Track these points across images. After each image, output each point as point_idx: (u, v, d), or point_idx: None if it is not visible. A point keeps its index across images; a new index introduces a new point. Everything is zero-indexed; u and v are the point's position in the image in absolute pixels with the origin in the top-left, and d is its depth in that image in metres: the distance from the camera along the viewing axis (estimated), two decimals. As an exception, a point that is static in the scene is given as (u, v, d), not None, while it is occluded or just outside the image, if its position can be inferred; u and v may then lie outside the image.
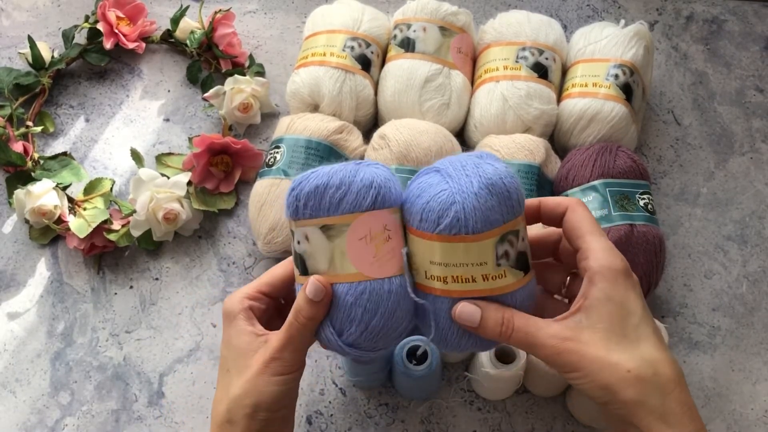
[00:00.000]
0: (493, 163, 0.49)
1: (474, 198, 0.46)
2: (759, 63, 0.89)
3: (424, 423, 0.68)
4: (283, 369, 0.51)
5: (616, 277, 0.47)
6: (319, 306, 0.49)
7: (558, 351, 0.46)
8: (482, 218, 0.47)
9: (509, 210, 0.48)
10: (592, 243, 0.48)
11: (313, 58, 0.79)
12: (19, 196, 0.75)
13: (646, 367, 0.45)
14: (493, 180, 0.47)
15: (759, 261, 0.77)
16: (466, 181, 0.47)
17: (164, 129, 0.85)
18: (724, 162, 0.83)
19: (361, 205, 0.48)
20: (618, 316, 0.46)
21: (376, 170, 0.49)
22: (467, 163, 0.48)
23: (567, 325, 0.47)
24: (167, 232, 0.76)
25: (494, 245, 0.47)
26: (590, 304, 0.46)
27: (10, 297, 0.75)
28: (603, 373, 0.45)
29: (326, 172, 0.48)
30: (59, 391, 0.71)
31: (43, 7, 0.93)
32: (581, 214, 0.50)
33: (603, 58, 0.78)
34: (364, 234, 0.48)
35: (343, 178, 0.48)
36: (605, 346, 0.46)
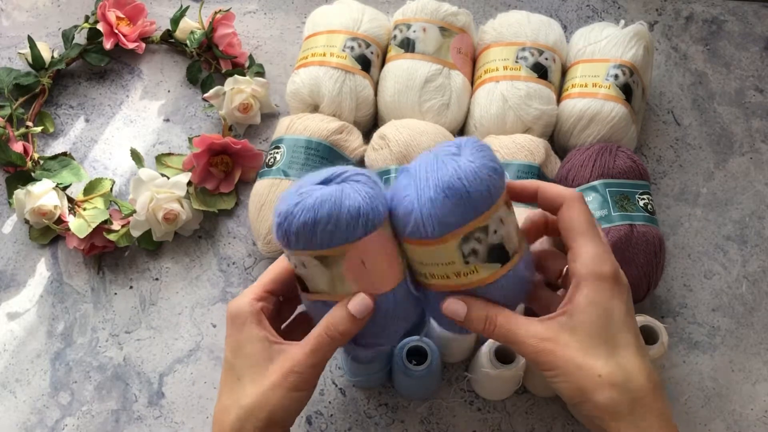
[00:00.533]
0: (458, 159, 0.47)
1: (430, 204, 0.46)
2: (759, 63, 0.89)
3: (424, 423, 0.68)
4: (303, 384, 0.50)
5: (602, 283, 0.47)
6: (359, 323, 0.49)
7: (536, 350, 0.47)
8: (438, 224, 0.47)
9: (471, 210, 0.47)
10: (582, 246, 0.48)
11: (313, 59, 0.79)
12: (19, 196, 0.75)
13: (619, 373, 0.46)
14: (450, 183, 0.46)
15: (759, 261, 0.77)
16: (425, 185, 0.47)
17: (164, 129, 0.85)
18: (724, 162, 0.83)
19: (352, 236, 0.47)
20: (599, 322, 0.47)
21: (360, 194, 0.47)
22: (430, 163, 0.48)
23: (548, 326, 0.48)
24: (167, 232, 0.76)
25: (458, 246, 0.47)
26: (574, 309, 0.47)
27: (10, 297, 0.75)
28: (576, 375, 0.46)
29: (311, 205, 0.46)
30: (59, 391, 0.71)
31: (43, 7, 0.93)
32: (577, 212, 0.49)
33: (603, 58, 0.78)
34: (360, 260, 0.48)
35: (330, 211, 0.46)
36: (582, 349, 0.46)
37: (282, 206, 0.48)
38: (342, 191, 0.47)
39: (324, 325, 0.50)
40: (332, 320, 0.49)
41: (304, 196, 0.47)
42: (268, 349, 0.50)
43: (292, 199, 0.47)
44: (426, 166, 0.48)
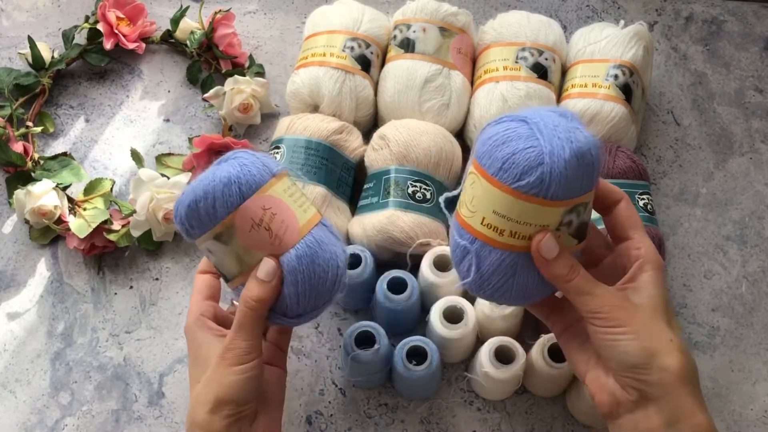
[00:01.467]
0: (584, 131, 0.47)
1: (564, 165, 0.45)
2: (758, 63, 0.89)
3: (424, 423, 0.68)
4: (239, 358, 0.51)
5: (660, 269, 0.50)
6: (269, 287, 0.51)
7: (610, 304, 0.48)
8: (565, 186, 0.46)
9: (589, 183, 0.47)
10: (644, 238, 0.51)
11: (313, 59, 0.79)
12: (19, 196, 0.75)
13: (683, 343, 0.48)
14: (585, 150, 0.46)
15: (758, 261, 0.77)
16: (559, 144, 0.45)
17: (164, 129, 0.85)
18: (724, 162, 0.83)
19: (231, 203, 0.51)
20: (661, 301, 0.49)
21: (233, 166, 0.51)
22: (559, 124, 0.46)
23: (619, 290, 0.50)
24: (167, 232, 0.76)
25: (563, 214, 0.47)
26: (639, 285, 0.49)
27: (10, 297, 0.75)
28: (649, 335, 0.47)
29: (192, 187, 0.51)
30: (59, 391, 0.71)
31: (43, 8, 0.93)
32: (634, 209, 0.53)
33: (602, 58, 0.78)
34: (250, 225, 0.51)
35: (206, 188, 0.51)
36: (652, 316, 0.48)
37: (175, 202, 0.53)
38: (216, 169, 0.52)
39: (242, 298, 0.52)
40: (246, 291, 0.52)
41: (188, 185, 0.52)
42: (214, 343, 0.53)
43: (183, 191, 0.52)
44: (554, 123, 0.46)
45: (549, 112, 0.48)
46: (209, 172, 0.52)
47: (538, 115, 0.47)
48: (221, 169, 0.52)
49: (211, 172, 0.52)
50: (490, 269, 0.49)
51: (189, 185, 0.52)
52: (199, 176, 0.52)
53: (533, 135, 0.46)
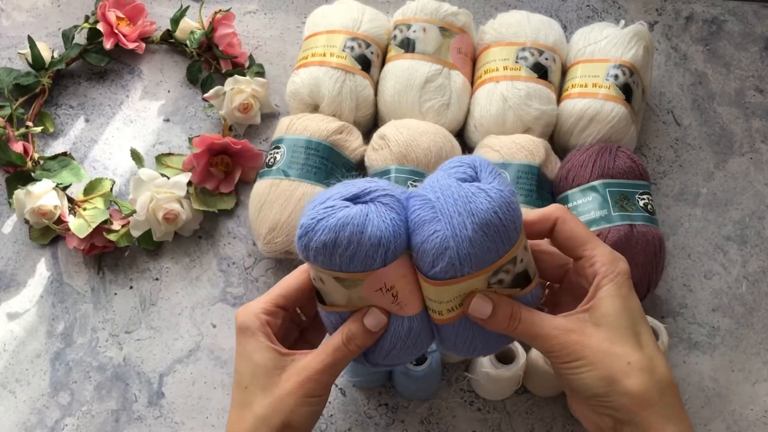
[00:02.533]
0: (488, 191, 0.45)
1: (468, 243, 0.45)
2: (759, 63, 0.89)
3: (424, 423, 0.68)
4: (319, 391, 0.51)
5: (622, 278, 0.48)
6: (374, 336, 0.50)
7: (561, 341, 0.47)
8: (477, 261, 0.45)
9: (506, 243, 0.46)
10: (594, 249, 0.49)
11: (313, 59, 0.79)
12: (19, 196, 0.75)
13: (646, 361, 0.46)
14: (488, 219, 0.44)
15: (759, 261, 0.77)
16: (459, 221, 0.44)
17: (164, 129, 0.85)
18: (724, 162, 0.83)
19: (371, 264, 0.46)
20: (623, 314, 0.47)
21: (384, 221, 0.46)
22: (457, 195, 0.45)
23: (572, 320, 0.48)
24: (167, 232, 0.76)
25: (487, 279, 0.47)
26: (596, 304, 0.48)
27: (10, 297, 0.75)
28: (605, 363, 0.46)
29: (333, 225, 0.45)
30: (59, 392, 0.71)
31: (43, 8, 0.93)
32: (574, 222, 0.50)
33: (603, 58, 0.78)
34: (379, 287, 0.48)
35: (350, 237, 0.45)
36: (609, 339, 0.47)
37: (305, 219, 0.47)
38: (366, 216, 0.46)
39: (344, 336, 0.50)
40: (349, 333, 0.50)
41: (328, 213, 0.46)
42: (277, 359, 0.51)
43: (316, 213, 0.46)
44: (453, 197, 0.45)
45: (449, 180, 0.46)
46: (357, 218, 0.45)
47: (439, 190, 0.46)
48: (371, 221, 0.45)
49: (360, 223, 0.45)
50: (450, 339, 0.51)
51: (327, 209, 0.46)
52: (338, 202, 0.46)
53: (436, 218, 0.45)
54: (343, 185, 0.48)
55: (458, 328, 0.50)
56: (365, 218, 0.45)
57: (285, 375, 0.50)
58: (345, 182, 0.48)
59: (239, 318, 0.52)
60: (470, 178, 0.46)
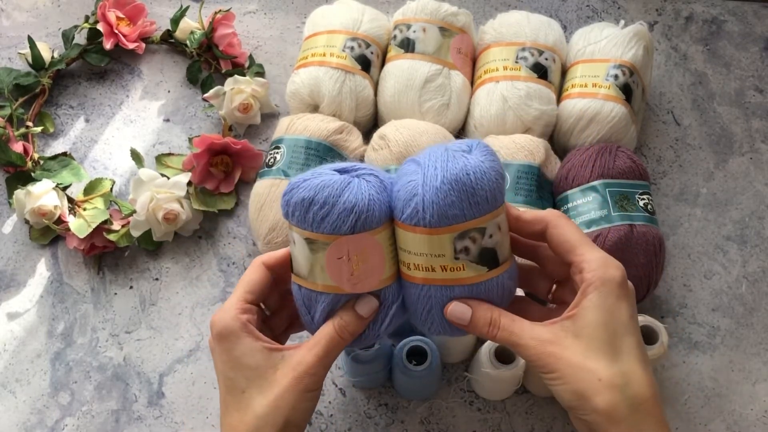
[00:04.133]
0: (468, 156, 0.48)
1: (434, 192, 0.47)
2: (759, 63, 0.89)
3: (424, 423, 0.68)
4: (316, 384, 0.51)
5: (610, 288, 0.48)
6: (366, 322, 0.50)
7: (537, 352, 0.48)
8: (439, 213, 0.47)
9: (473, 207, 0.48)
10: (585, 255, 0.49)
11: (313, 59, 0.79)
12: (19, 196, 0.75)
13: (619, 377, 0.46)
14: (458, 176, 0.47)
15: (759, 261, 0.77)
16: (432, 173, 0.48)
17: (164, 129, 0.85)
18: (724, 162, 0.83)
19: (340, 228, 0.48)
20: (604, 326, 0.47)
21: (362, 192, 0.48)
22: (441, 155, 0.48)
23: (552, 329, 0.48)
24: (167, 232, 0.76)
25: (452, 240, 0.48)
26: (579, 312, 0.48)
27: (10, 297, 0.75)
28: (576, 378, 0.46)
29: (315, 185, 0.49)
30: (59, 392, 0.71)
31: (43, 8, 0.93)
32: (566, 227, 0.50)
33: (603, 58, 0.78)
34: (341, 255, 0.49)
35: (327, 197, 0.48)
36: (584, 352, 0.47)
37: (294, 179, 0.50)
38: (348, 184, 0.48)
39: (336, 327, 0.50)
40: (343, 322, 0.50)
41: (314, 175, 0.49)
42: (268, 358, 0.51)
43: (305, 175, 0.49)
44: (436, 156, 0.48)
45: (445, 146, 0.49)
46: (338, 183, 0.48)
47: (429, 150, 0.49)
48: (351, 191, 0.48)
49: (339, 186, 0.48)
50: (411, 303, 0.52)
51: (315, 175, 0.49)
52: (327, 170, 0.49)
53: (415, 170, 0.49)
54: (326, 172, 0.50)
55: (420, 292, 0.50)
56: (345, 185, 0.48)
57: (280, 372, 0.50)
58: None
59: (218, 324, 0.51)
60: (463, 151, 0.49)
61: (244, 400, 0.50)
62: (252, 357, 0.50)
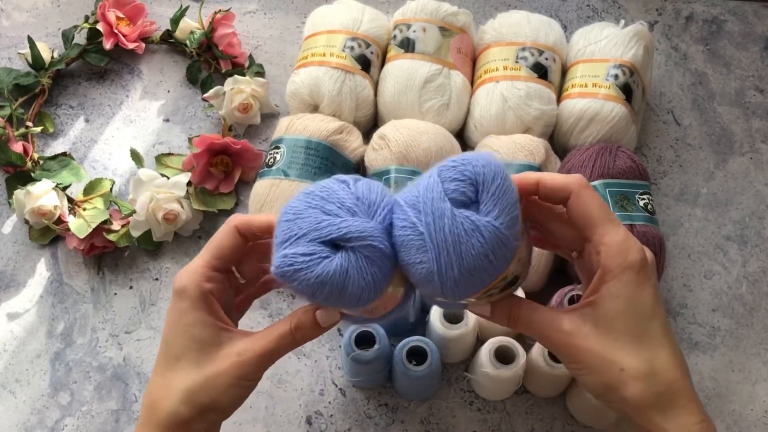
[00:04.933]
0: (483, 229, 0.42)
1: (453, 283, 0.42)
2: (759, 63, 0.89)
3: (424, 423, 0.68)
4: (255, 375, 0.49)
5: (629, 274, 0.45)
6: (323, 331, 0.49)
7: (559, 343, 0.47)
8: (462, 293, 0.44)
9: (494, 275, 0.43)
10: (604, 236, 0.45)
11: (313, 59, 0.79)
12: (19, 196, 0.75)
13: (643, 366, 0.45)
14: (477, 263, 0.42)
15: (759, 261, 0.77)
16: (446, 261, 0.42)
17: (164, 129, 0.85)
18: (724, 162, 0.83)
19: (349, 308, 0.47)
20: (625, 314, 0.45)
21: (365, 277, 0.43)
22: (450, 233, 0.42)
23: (571, 318, 0.47)
24: (167, 232, 0.76)
25: (476, 299, 0.47)
26: (599, 300, 0.46)
27: (10, 297, 0.75)
28: (601, 369, 0.45)
29: (311, 282, 0.43)
30: (59, 392, 0.71)
31: (43, 8, 0.93)
32: (589, 200, 0.46)
33: (603, 58, 0.78)
34: (351, 313, 0.49)
35: (329, 294, 0.43)
36: (605, 343, 0.45)
37: (280, 260, 0.43)
38: (346, 273, 0.43)
39: (294, 326, 0.49)
40: (299, 323, 0.49)
41: (305, 264, 0.43)
42: (216, 335, 0.49)
43: (293, 260, 0.43)
44: (444, 232, 0.42)
45: (443, 204, 0.42)
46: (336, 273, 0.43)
47: (431, 211, 0.42)
48: (352, 279, 0.43)
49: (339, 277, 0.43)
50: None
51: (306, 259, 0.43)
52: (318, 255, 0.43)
53: (423, 246, 0.42)
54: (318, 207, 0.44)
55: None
56: (345, 276, 0.43)
57: (223, 352, 0.48)
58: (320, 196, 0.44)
59: (178, 281, 0.49)
60: (468, 200, 0.42)
61: (176, 368, 0.48)
62: (200, 329, 0.48)
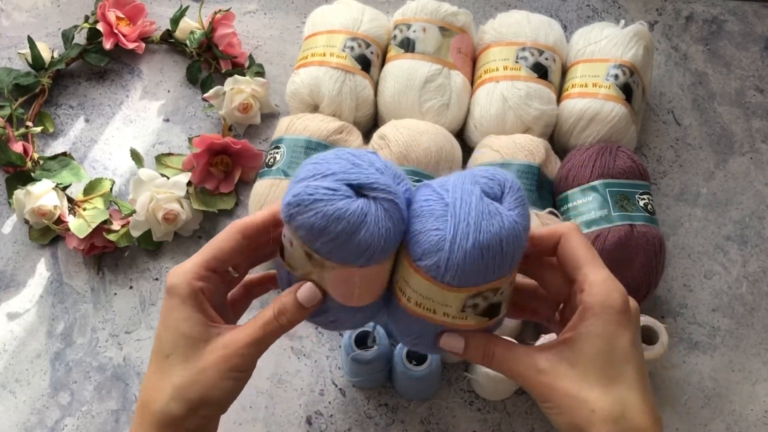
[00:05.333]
0: (505, 218, 0.43)
1: (462, 256, 0.43)
2: (759, 63, 0.89)
3: (424, 423, 0.68)
4: (244, 365, 0.49)
5: (609, 314, 0.45)
6: (306, 312, 0.49)
7: (532, 382, 0.46)
8: (460, 276, 0.43)
9: (496, 272, 0.44)
10: (589, 275, 0.46)
11: (313, 59, 0.79)
12: (19, 196, 0.75)
13: (615, 408, 0.44)
14: (492, 243, 0.43)
15: (759, 261, 0.77)
16: (464, 232, 0.43)
17: (164, 129, 0.85)
18: (724, 162, 0.83)
19: (349, 262, 0.44)
20: (601, 354, 0.45)
21: (379, 228, 0.43)
22: (475, 205, 0.43)
23: (546, 357, 0.46)
24: (167, 232, 0.76)
25: (465, 299, 0.45)
26: (575, 338, 0.46)
27: (10, 297, 0.75)
28: (571, 409, 0.45)
29: (329, 213, 0.42)
30: (59, 392, 0.71)
31: (43, 8, 0.93)
32: (577, 243, 0.48)
33: (603, 58, 0.78)
34: (345, 279, 0.46)
35: (340, 232, 0.43)
36: (579, 382, 0.45)
37: (301, 188, 0.43)
38: (365, 217, 0.43)
39: (277, 311, 0.49)
40: (282, 308, 0.48)
41: (327, 196, 0.43)
42: (204, 331, 0.48)
43: (315, 190, 0.43)
44: (470, 205, 0.43)
45: (474, 187, 0.44)
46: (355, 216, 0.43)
47: (461, 189, 0.44)
48: (368, 225, 0.43)
49: (357, 217, 0.43)
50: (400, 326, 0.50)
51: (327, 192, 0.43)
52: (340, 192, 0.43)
53: (443, 215, 0.43)
54: (348, 159, 0.44)
55: (413, 321, 0.48)
56: (362, 219, 0.43)
57: (210, 347, 0.48)
58: (351, 153, 0.45)
59: (170, 279, 0.49)
60: (494, 195, 0.45)
61: (165, 365, 0.48)
62: (188, 325, 0.48)
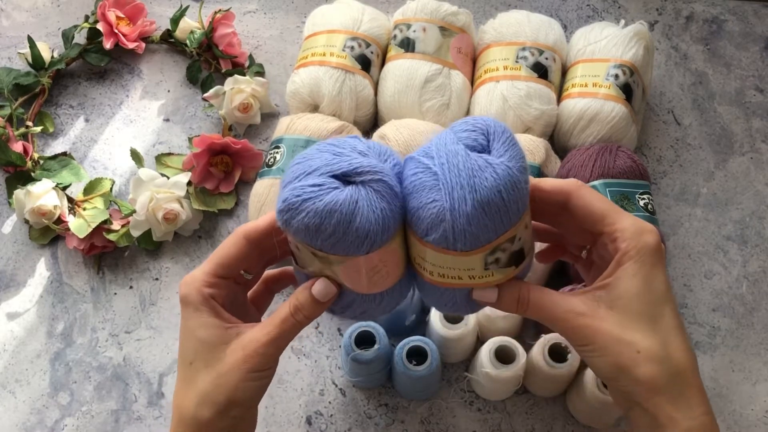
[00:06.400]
0: (496, 167, 0.42)
1: (466, 220, 0.42)
2: (759, 63, 0.89)
3: (424, 423, 0.68)
4: (265, 365, 0.49)
5: (646, 256, 0.45)
6: (323, 306, 0.49)
7: (572, 325, 0.46)
8: (472, 239, 0.43)
9: (506, 223, 0.44)
10: (617, 224, 0.46)
11: (313, 58, 0.79)
12: (19, 196, 0.75)
13: (659, 348, 0.45)
14: (490, 197, 0.42)
15: (759, 261, 0.77)
16: (460, 195, 0.42)
17: (164, 129, 0.85)
18: (724, 162, 0.83)
19: (354, 252, 0.44)
20: (640, 296, 0.45)
21: (374, 211, 0.43)
22: (463, 168, 0.42)
23: (584, 300, 0.46)
24: (167, 232, 0.76)
25: (483, 257, 0.45)
26: (614, 282, 0.46)
27: (10, 297, 0.75)
28: (614, 350, 0.45)
29: (318, 210, 0.42)
30: (59, 392, 0.71)
31: (43, 7, 0.93)
32: (591, 195, 0.47)
33: (603, 58, 0.78)
34: (356, 270, 0.46)
35: (336, 226, 0.43)
36: (620, 323, 0.45)
37: (289, 192, 0.43)
38: (356, 204, 0.43)
39: (292, 307, 0.49)
40: (298, 304, 0.49)
41: (315, 193, 0.43)
42: (222, 334, 0.49)
43: (302, 191, 0.43)
44: (457, 168, 0.43)
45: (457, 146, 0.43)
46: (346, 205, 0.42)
47: (445, 153, 0.43)
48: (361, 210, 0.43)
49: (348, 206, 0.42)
50: (434, 298, 0.49)
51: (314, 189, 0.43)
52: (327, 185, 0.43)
53: (436, 186, 0.43)
54: (329, 150, 0.44)
55: (443, 291, 0.48)
56: (354, 207, 0.43)
57: (230, 349, 0.49)
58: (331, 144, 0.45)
59: (182, 290, 0.50)
60: (480, 147, 0.44)
61: (190, 373, 0.49)
62: (205, 331, 0.49)
